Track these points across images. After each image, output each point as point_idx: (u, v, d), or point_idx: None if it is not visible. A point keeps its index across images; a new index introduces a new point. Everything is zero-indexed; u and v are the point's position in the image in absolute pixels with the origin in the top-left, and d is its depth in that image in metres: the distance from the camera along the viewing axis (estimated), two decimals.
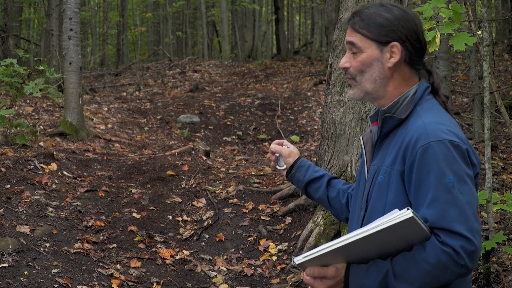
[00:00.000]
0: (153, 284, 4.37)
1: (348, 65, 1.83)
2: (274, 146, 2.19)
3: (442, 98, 1.85)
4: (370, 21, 1.80)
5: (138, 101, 12.57)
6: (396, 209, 1.58)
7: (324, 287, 1.68)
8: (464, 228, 1.60)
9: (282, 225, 5.45)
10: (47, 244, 4.56)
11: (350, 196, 2.11)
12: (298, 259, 1.63)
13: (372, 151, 1.90)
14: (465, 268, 1.60)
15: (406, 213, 1.54)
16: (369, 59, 1.80)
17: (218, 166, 7.19)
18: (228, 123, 10.78)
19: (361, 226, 1.83)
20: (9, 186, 5.43)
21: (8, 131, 7.10)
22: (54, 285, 3.94)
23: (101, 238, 4.97)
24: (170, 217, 5.60)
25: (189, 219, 5.61)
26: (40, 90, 7.28)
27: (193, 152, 7.68)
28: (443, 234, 1.60)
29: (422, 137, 1.67)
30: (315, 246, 4.91)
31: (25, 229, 4.66)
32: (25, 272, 3.98)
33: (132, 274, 4.43)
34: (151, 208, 5.73)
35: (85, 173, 6.50)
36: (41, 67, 7.58)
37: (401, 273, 1.61)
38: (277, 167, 2.20)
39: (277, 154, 2.19)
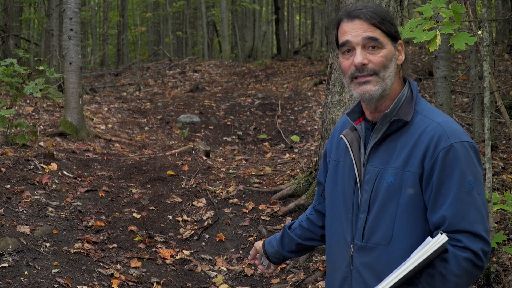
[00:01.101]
0: (153, 284, 4.37)
1: (367, 61, 1.76)
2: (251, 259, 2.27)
3: None
4: (384, 17, 1.79)
5: (138, 101, 12.57)
6: (429, 237, 1.58)
7: None
8: (482, 229, 1.63)
9: (282, 225, 5.45)
10: (47, 244, 4.56)
11: (310, 215, 2.13)
12: None
13: (359, 151, 1.85)
14: (482, 269, 1.63)
15: (443, 238, 1.55)
16: (390, 55, 1.78)
17: (218, 166, 7.19)
18: (228, 123, 10.78)
19: (364, 229, 1.79)
20: (9, 186, 5.43)
21: (8, 131, 7.10)
22: (54, 285, 3.93)
23: (101, 238, 4.97)
24: (170, 217, 5.60)
25: (189, 219, 5.61)
26: (40, 90, 7.28)
27: (193, 152, 7.68)
28: (465, 238, 1.61)
29: (442, 139, 1.68)
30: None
31: (25, 229, 4.66)
32: (25, 272, 3.98)
33: (132, 274, 4.43)
34: (151, 208, 5.73)
35: (85, 173, 6.50)
36: (41, 67, 7.58)
37: None
38: (265, 269, 2.25)
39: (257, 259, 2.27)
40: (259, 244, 2.22)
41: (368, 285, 1.77)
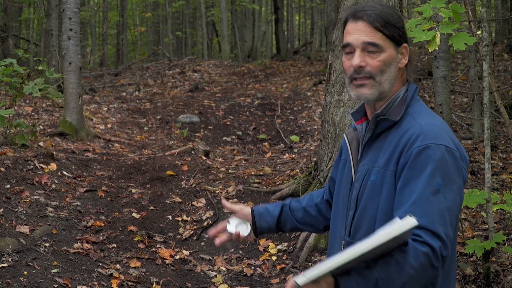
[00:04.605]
0: (152, 284, 4.37)
1: (364, 64, 1.77)
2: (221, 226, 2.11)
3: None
4: (388, 20, 1.78)
5: (137, 101, 12.56)
6: (397, 218, 1.54)
7: None
8: (443, 231, 1.60)
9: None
10: (47, 244, 4.56)
11: (320, 204, 2.12)
12: (301, 280, 1.55)
13: (358, 150, 1.88)
14: (436, 270, 1.60)
15: (410, 221, 1.50)
16: (389, 59, 1.78)
17: (218, 166, 7.19)
18: (228, 123, 10.78)
19: (351, 226, 1.82)
20: (8, 186, 5.43)
21: (8, 131, 7.10)
22: (54, 285, 3.93)
23: (101, 238, 4.97)
24: (170, 217, 5.60)
25: (188, 219, 5.61)
26: (40, 90, 7.28)
27: (192, 152, 7.68)
28: (424, 234, 1.59)
29: (419, 139, 1.68)
30: (314, 246, 4.91)
31: (25, 229, 4.66)
32: (25, 272, 3.98)
33: (131, 274, 4.43)
34: (150, 208, 5.73)
35: (84, 173, 6.50)
36: (40, 67, 7.58)
37: (387, 280, 1.57)
38: (245, 235, 2.07)
39: (230, 223, 2.07)
40: (242, 210, 2.10)
41: None
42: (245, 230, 2.07)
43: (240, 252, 5.17)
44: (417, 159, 1.66)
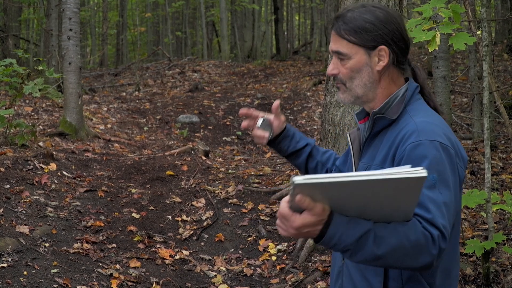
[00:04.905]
0: (152, 284, 4.37)
1: (336, 72, 1.81)
2: (253, 112, 2.13)
3: (429, 98, 1.87)
4: (356, 26, 1.76)
5: (137, 101, 12.56)
6: (409, 165, 1.46)
7: (302, 222, 1.46)
8: (442, 224, 1.55)
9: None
10: (47, 244, 4.56)
11: (329, 169, 2.14)
12: (298, 180, 1.41)
13: (359, 149, 1.90)
14: (432, 259, 1.53)
15: (421, 171, 1.42)
16: (358, 65, 1.78)
17: (218, 166, 7.19)
18: (228, 123, 10.78)
19: None
20: (8, 186, 5.42)
21: (8, 131, 7.10)
22: (54, 285, 3.93)
23: (101, 238, 4.97)
24: (170, 217, 5.60)
25: (188, 219, 5.61)
26: (40, 90, 7.27)
27: (192, 152, 7.68)
28: (424, 222, 1.54)
29: (413, 135, 1.67)
30: (314, 246, 4.91)
31: (25, 229, 4.66)
32: (25, 272, 3.98)
33: (131, 274, 4.43)
34: (150, 208, 5.73)
35: (84, 173, 6.50)
36: (40, 67, 7.58)
37: (380, 238, 1.50)
38: (259, 131, 2.08)
39: (263, 119, 2.09)
40: (279, 120, 2.11)
41: (353, 280, 1.79)
42: (264, 125, 2.09)
43: (240, 252, 5.17)
44: (411, 155, 1.65)
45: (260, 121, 2.11)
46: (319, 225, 1.48)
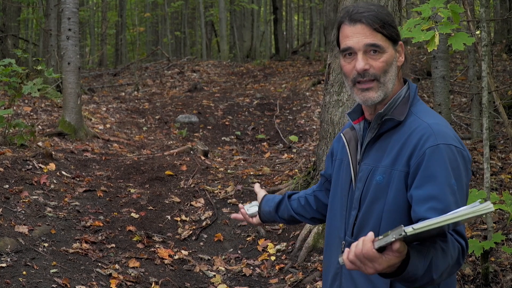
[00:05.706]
0: (151, 284, 4.37)
1: (368, 67, 1.76)
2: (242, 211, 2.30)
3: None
4: (386, 20, 1.78)
5: (136, 101, 12.56)
6: (478, 201, 1.47)
7: (388, 264, 1.48)
8: (463, 231, 1.64)
9: (281, 225, 5.45)
10: (46, 244, 4.56)
11: (309, 196, 2.19)
12: (409, 230, 1.40)
13: (356, 149, 1.87)
14: (459, 267, 1.62)
15: (489, 206, 1.43)
16: (391, 59, 1.78)
17: (217, 166, 7.19)
18: (227, 123, 10.78)
19: (354, 226, 1.82)
20: (7, 186, 5.42)
21: (7, 131, 7.10)
22: (53, 285, 3.93)
23: (100, 238, 4.97)
24: (169, 217, 5.60)
25: (187, 219, 5.61)
26: (39, 90, 7.27)
27: (191, 152, 7.68)
28: (454, 233, 1.61)
29: (430, 138, 1.68)
30: (313, 246, 4.91)
31: (24, 229, 4.66)
32: (24, 272, 3.98)
33: (130, 274, 4.43)
34: (149, 208, 5.73)
35: (83, 173, 6.49)
36: (39, 67, 7.57)
37: (436, 266, 1.55)
38: (249, 214, 2.28)
39: (250, 203, 2.31)
40: (260, 193, 2.29)
41: (355, 281, 1.79)
42: (251, 209, 2.28)
43: (239, 252, 5.17)
44: (432, 158, 1.66)
45: (246, 205, 2.32)
46: (398, 261, 1.50)
